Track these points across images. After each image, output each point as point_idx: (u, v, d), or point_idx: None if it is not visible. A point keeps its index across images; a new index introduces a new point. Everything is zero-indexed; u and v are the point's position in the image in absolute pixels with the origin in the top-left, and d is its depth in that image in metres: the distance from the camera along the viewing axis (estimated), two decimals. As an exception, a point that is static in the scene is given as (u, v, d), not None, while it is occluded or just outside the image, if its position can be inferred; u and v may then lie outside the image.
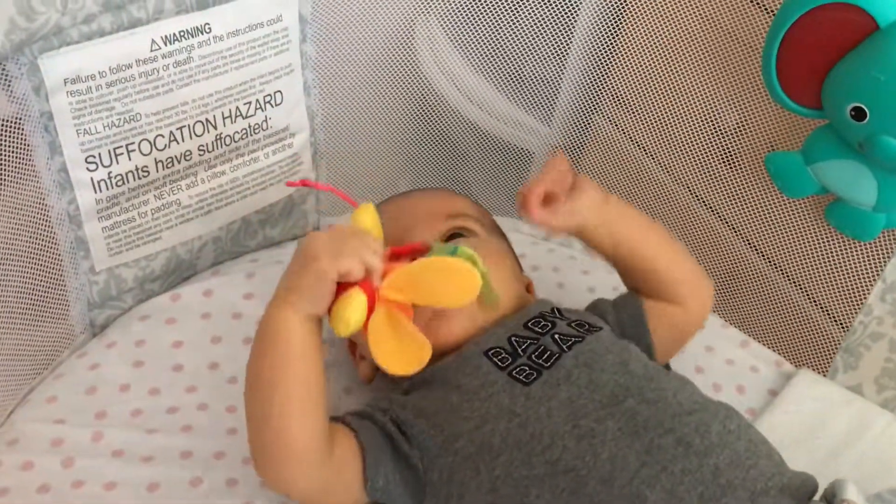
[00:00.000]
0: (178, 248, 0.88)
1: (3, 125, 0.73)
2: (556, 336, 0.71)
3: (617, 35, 1.02)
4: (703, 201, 1.00)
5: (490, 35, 1.02)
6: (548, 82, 1.07)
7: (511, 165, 1.15)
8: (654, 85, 0.99)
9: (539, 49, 1.03)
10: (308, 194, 0.97)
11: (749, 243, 0.97)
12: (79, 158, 0.77)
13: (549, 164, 0.74)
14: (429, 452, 0.66)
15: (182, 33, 0.78)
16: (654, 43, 0.96)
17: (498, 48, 1.03)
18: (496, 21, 1.02)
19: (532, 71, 1.06)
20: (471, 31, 1.03)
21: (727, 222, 0.98)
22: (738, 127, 0.92)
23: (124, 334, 0.84)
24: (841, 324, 0.89)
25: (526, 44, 1.03)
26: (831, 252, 0.88)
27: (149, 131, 0.80)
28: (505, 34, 1.02)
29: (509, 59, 1.04)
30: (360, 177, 1.04)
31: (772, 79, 0.78)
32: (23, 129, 0.74)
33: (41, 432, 0.75)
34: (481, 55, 1.05)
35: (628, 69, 1.01)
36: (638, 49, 0.99)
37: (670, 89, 0.97)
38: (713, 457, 0.61)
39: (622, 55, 1.02)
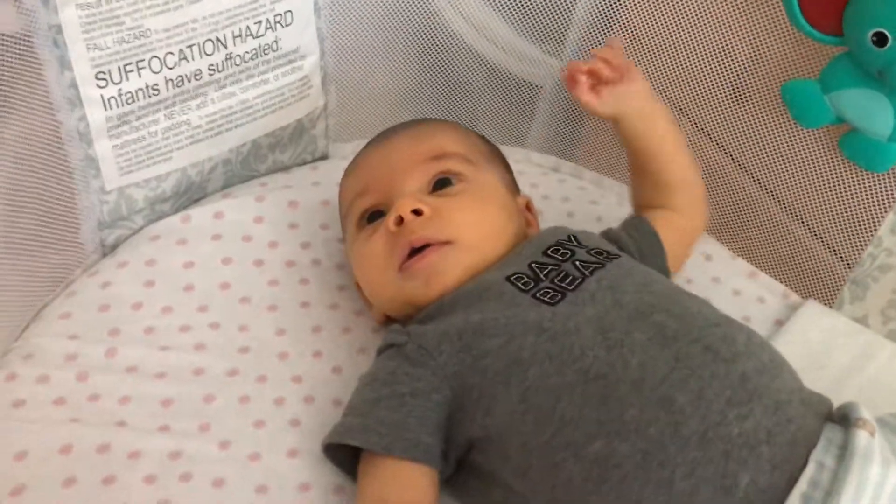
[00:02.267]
0: (189, 169, 0.88)
1: (12, 40, 0.72)
2: (577, 263, 0.71)
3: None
4: (711, 136, 0.99)
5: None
6: (558, 14, 1.05)
7: (519, 99, 1.14)
8: (666, 16, 0.96)
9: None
10: (319, 118, 0.96)
11: (756, 180, 0.96)
12: (89, 74, 0.76)
13: (606, 45, 0.78)
14: (458, 376, 0.66)
15: (192, -53, 0.76)
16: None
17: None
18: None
19: (542, 1, 1.04)
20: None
21: (734, 158, 0.98)
22: (751, 61, 0.90)
23: (135, 254, 0.84)
24: (847, 259, 0.89)
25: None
26: (839, 187, 0.88)
27: (158, 48, 0.79)
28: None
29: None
30: (367, 103, 1.03)
31: (793, 5, 0.76)
32: (32, 44, 0.73)
33: (55, 347, 0.75)
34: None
35: (639, 2, 0.99)
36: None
37: (683, 21, 0.95)
38: (740, 364, 0.62)
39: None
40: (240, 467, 0.69)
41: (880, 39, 0.71)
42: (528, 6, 1.03)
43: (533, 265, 0.71)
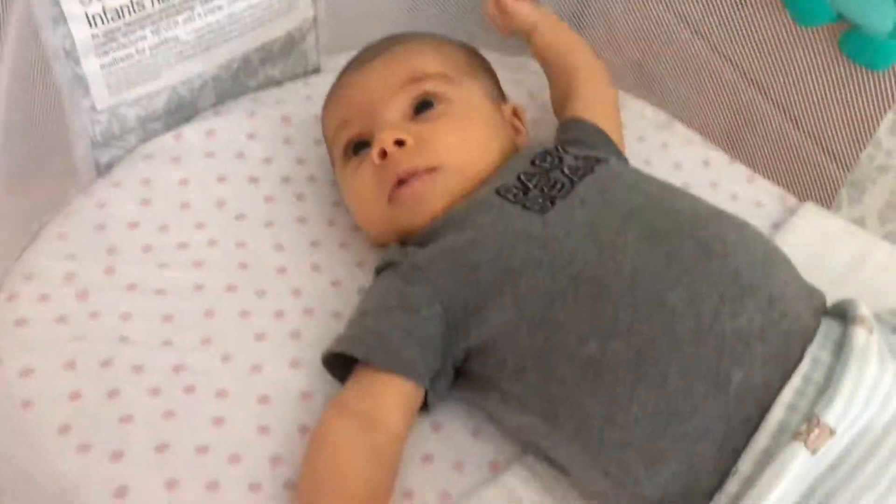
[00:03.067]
0: (179, 86, 0.87)
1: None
2: (566, 169, 0.71)
3: None
4: (708, 40, 0.97)
5: None
6: None
7: None
8: None
9: None
10: (309, 31, 0.94)
11: (754, 83, 0.95)
12: (71, -11, 0.74)
13: None
14: (450, 291, 0.66)
15: None
16: None
17: None
18: None
19: None
20: None
21: (732, 61, 0.96)
22: None
23: (130, 173, 0.84)
24: (845, 162, 0.88)
25: None
26: (838, 88, 0.86)
27: (141, -39, 0.77)
28: None
29: None
30: (358, 14, 1.01)
31: None
32: (10, -42, 0.71)
33: (54, 267, 0.76)
34: None
35: None
36: None
37: None
38: (733, 260, 0.62)
39: None
40: (242, 379, 0.71)
41: (881, -70, 0.69)
42: None
43: (521, 176, 0.71)
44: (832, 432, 0.54)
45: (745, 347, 0.58)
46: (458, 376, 0.69)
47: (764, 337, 0.59)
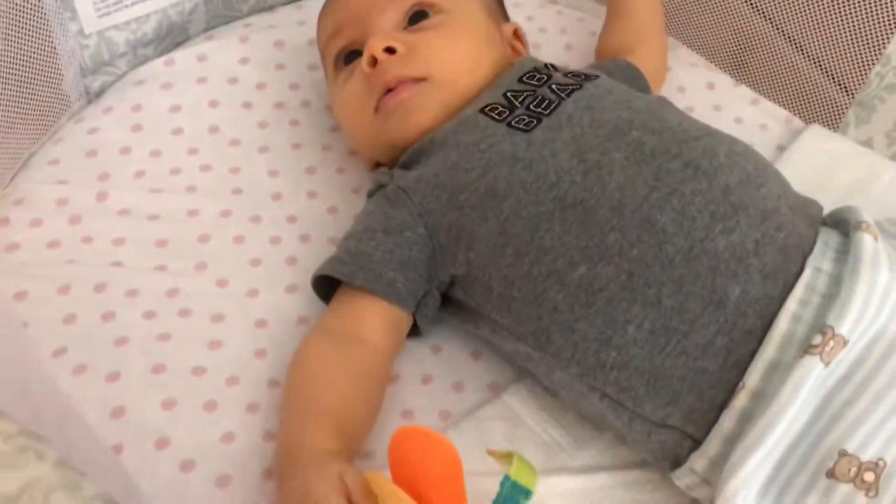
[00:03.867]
0: (169, 10, 0.84)
1: None
2: (554, 86, 0.69)
3: None
4: None
5: None
6: None
7: None
8: None
9: None
10: (301, -46, 0.92)
11: (757, 8, 0.92)
12: None
13: None
14: (434, 214, 0.65)
15: None
16: None
17: None
18: None
19: None
20: None
21: None
22: None
23: (121, 99, 0.83)
24: (852, 84, 0.86)
25: None
26: (842, 6, 0.83)
27: None
28: None
29: None
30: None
31: None
32: None
33: (46, 192, 0.75)
34: None
35: None
36: None
37: None
38: (722, 176, 0.60)
39: None
40: (238, 303, 0.70)
41: None
42: None
43: (508, 94, 0.69)
44: (845, 342, 0.54)
45: (739, 263, 0.57)
46: (450, 305, 0.68)
47: (760, 251, 0.57)
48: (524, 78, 0.71)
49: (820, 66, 0.88)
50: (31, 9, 0.75)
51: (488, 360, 0.70)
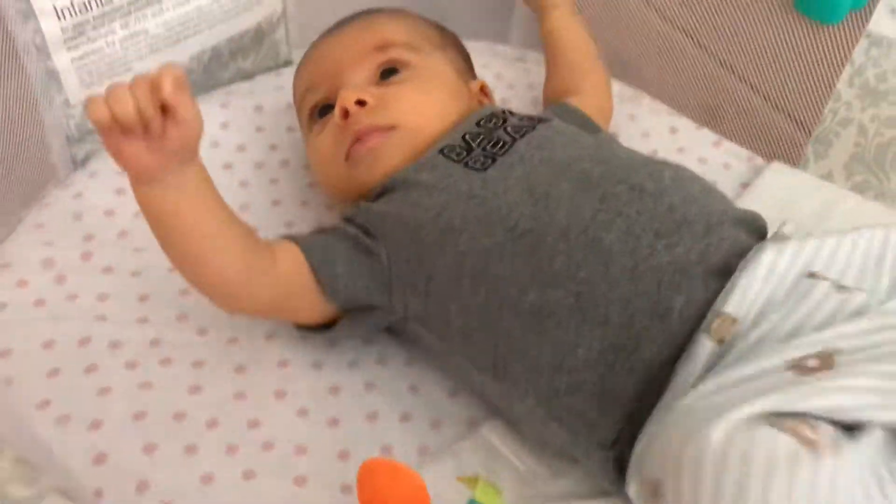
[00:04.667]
0: (151, 79, 0.88)
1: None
2: (508, 128, 0.73)
3: None
4: (660, 11, 0.98)
5: None
6: None
7: None
8: None
9: None
10: (278, 23, 0.96)
11: (713, 55, 0.96)
12: (39, -16, 0.76)
13: None
14: (395, 245, 0.68)
15: None
16: None
17: None
18: None
19: None
20: None
21: (686, 32, 0.97)
22: None
23: (106, 164, 0.85)
24: (807, 124, 0.89)
25: None
26: (794, 49, 0.87)
27: (107, -45, 0.79)
28: None
29: None
30: (328, 6, 1.02)
31: None
32: (-23, -46, 0.73)
33: (32, 255, 0.77)
34: None
35: None
36: None
37: None
38: (667, 197, 0.63)
39: None
40: (219, 350, 0.72)
41: None
42: None
43: (466, 136, 0.73)
44: (734, 320, 0.55)
45: (683, 275, 0.59)
46: (419, 344, 0.70)
47: (704, 261, 0.59)
48: (481, 122, 0.75)
49: (777, 106, 0.92)
50: (17, 82, 0.79)
51: (466, 397, 0.71)
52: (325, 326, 0.70)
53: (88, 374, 0.68)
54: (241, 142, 0.90)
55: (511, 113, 0.76)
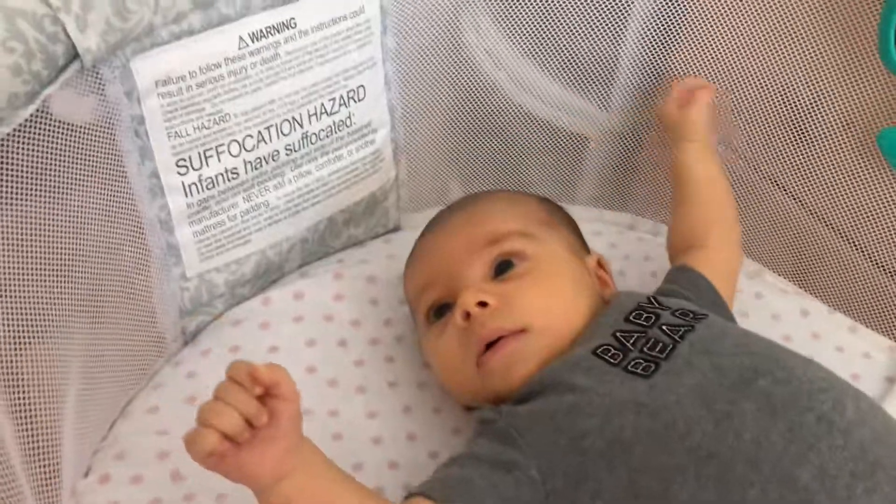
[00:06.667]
0: (268, 250, 0.86)
1: (93, 130, 0.70)
2: (664, 327, 0.68)
3: (679, 7, 0.96)
4: (774, 180, 0.95)
5: (539, 15, 0.95)
6: (603, 63, 1.01)
7: (569, 153, 1.10)
8: (720, 62, 0.93)
9: (593, 26, 0.97)
10: (390, 190, 0.95)
11: (821, 218, 0.92)
12: (170, 162, 0.75)
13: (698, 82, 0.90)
14: (549, 455, 0.62)
15: (269, 29, 0.76)
16: (721, 16, 0.90)
17: (548, 29, 0.96)
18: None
19: (586, 52, 1.00)
20: (518, 11, 0.97)
21: (800, 201, 0.94)
22: (811, 104, 0.87)
23: (218, 341, 0.82)
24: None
25: (578, 22, 0.94)
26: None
27: (237, 132, 0.78)
28: (555, 13, 0.96)
29: (561, 39, 0.96)
30: (434, 172, 1.01)
31: (889, 42, 0.74)
32: (114, 134, 0.72)
33: (146, 445, 0.73)
34: (530, 37, 0.99)
35: (692, 46, 0.94)
36: (702, 23, 0.93)
37: (730, 68, 0.92)
38: (856, 433, 0.58)
39: (685, 29, 0.95)
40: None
41: None
42: (571, 57, 0.98)
43: (618, 334, 0.68)
44: None
45: None
46: None
47: None
48: (631, 317, 0.70)
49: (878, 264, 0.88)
50: (140, 256, 0.77)
51: None
52: None
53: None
54: (355, 316, 0.87)
55: (659, 304, 0.72)
